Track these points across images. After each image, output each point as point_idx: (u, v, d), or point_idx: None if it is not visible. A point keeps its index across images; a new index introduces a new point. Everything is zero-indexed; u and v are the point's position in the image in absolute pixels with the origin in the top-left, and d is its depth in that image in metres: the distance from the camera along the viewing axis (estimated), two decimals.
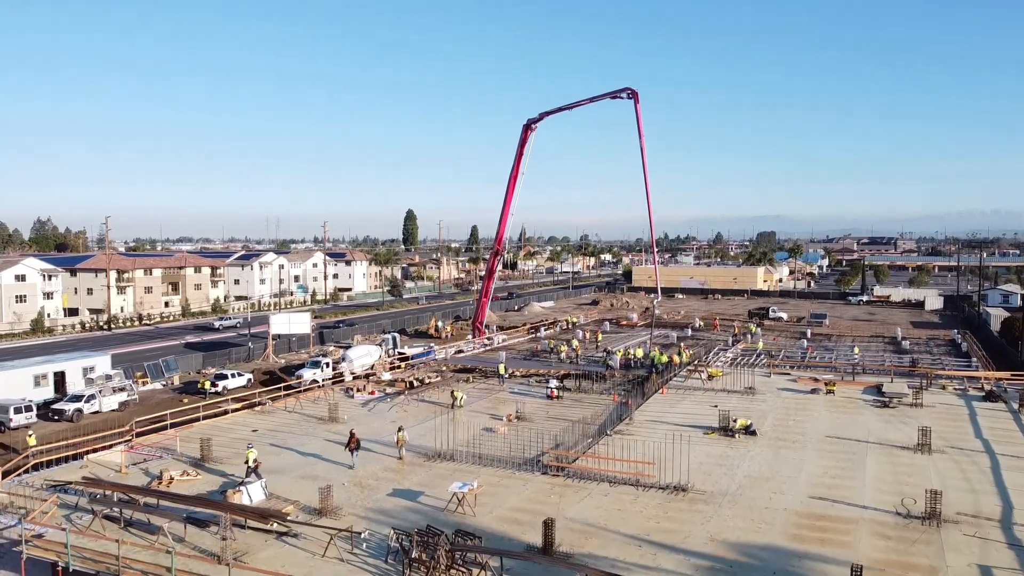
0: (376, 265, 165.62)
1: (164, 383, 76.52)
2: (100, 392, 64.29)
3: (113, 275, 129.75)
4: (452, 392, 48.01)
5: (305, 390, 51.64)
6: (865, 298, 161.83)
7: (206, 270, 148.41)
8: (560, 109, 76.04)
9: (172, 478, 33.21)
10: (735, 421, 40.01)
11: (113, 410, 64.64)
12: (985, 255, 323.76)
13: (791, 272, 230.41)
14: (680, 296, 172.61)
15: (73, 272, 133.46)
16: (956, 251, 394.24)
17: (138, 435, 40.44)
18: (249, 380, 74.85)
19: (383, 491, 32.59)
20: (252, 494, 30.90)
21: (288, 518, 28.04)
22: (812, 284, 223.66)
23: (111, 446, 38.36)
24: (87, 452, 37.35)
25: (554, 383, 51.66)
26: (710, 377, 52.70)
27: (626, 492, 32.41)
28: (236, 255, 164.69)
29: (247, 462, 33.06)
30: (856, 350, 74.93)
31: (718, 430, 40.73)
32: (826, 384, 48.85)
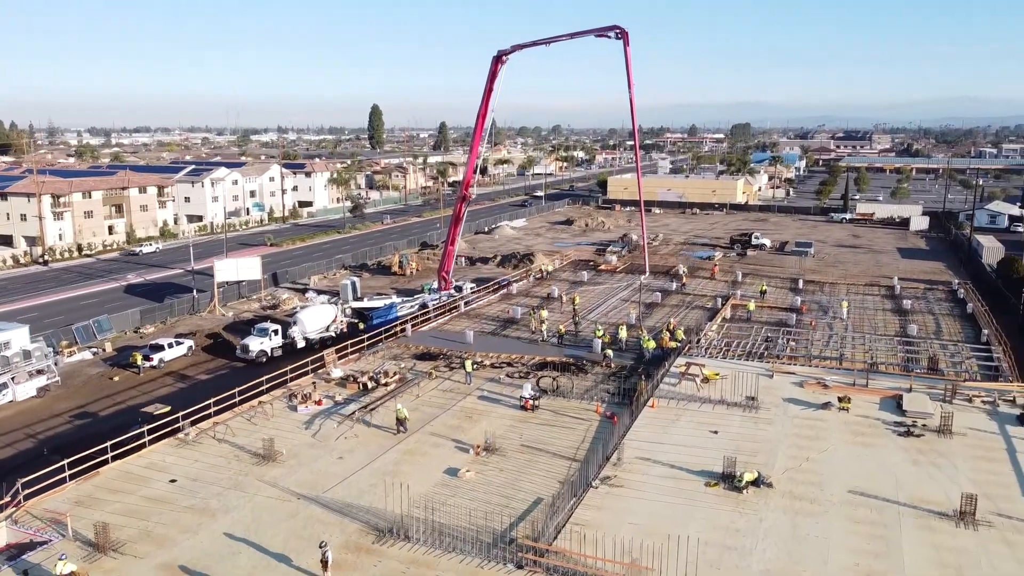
0: (337, 185, 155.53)
1: (95, 350, 68.97)
2: (13, 379, 56.77)
3: (47, 200, 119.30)
4: (396, 414, 41.00)
5: (240, 401, 44.52)
6: (848, 216, 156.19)
7: (152, 189, 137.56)
8: (536, 43, 66.47)
9: None
10: (741, 475, 33.92)
11: (31, 398, 57.37)
12: (962, 156, 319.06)
13: (770, 179, 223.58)
14: (658, 211, 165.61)
15: (3, 196, 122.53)
16: (931, 149, 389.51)
17: (27, 496, 33.38)
18: (190, 348, 67.59)
19: None
20: None
21: None
22: (791, 192, 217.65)
23: None
24: None
25: (528, 389, 45.07)
26: (706, 380, 46.48)
27: None
28: (185, 170, 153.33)
29: None
30: (844, 304, 69.21)
31: (722, 480, 34.68)
32: (840, 400, 42.90)
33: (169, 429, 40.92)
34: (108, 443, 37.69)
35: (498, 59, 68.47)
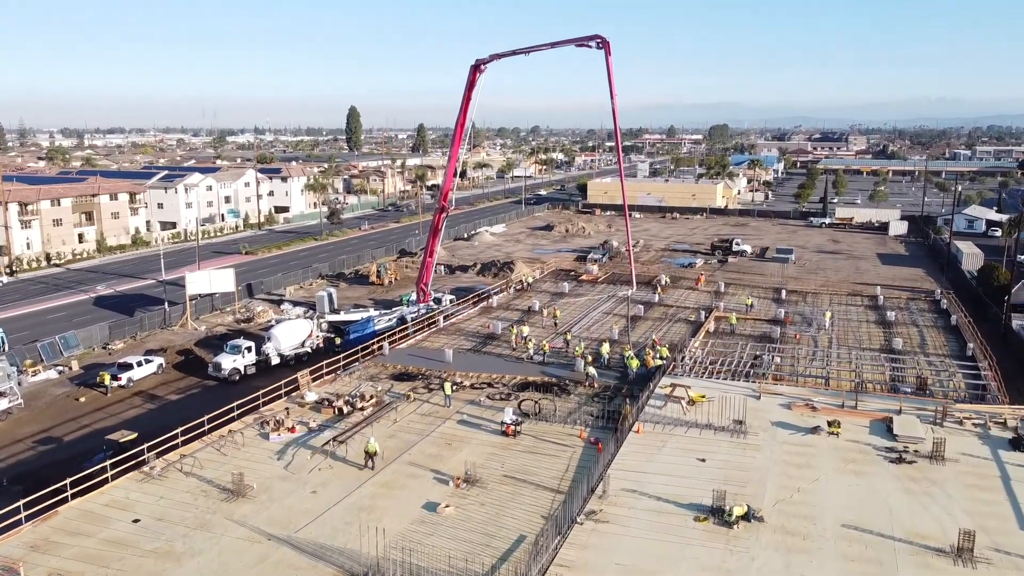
0: (314, 191, 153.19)
1: (61, 369, 66.69)
2: None
3: (14, 208, 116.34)
4: (366, 448, 39.18)
5: (209, 429, 42.69)
6: (827, 221, 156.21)
7: (123, 196, 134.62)
8: (515, 52, 65.12)
9: None
10: (731, 509, 32.71)
11: None
12: (936, 158, 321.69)
13: (749, 182, 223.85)
14: (637, 215, 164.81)
15: None
16: (906, 151, 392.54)
17: None
18: (160, 366, 65.51)
19: None
20: None
21: None
22: (770, 196, 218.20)
23: None
24: None
25: (510, 414, 43.60)
26: (691, 403, 45.28)
27: None
28: (158, 176, 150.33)
29: None
30: (828, 315, 68.52)
31: (711, 513, 33.43)
32: (829, 424, 41.85)
33: (134, 462, 38.99)
34: (68, 480, 35.77)
35: (476, 68, 67.05)
